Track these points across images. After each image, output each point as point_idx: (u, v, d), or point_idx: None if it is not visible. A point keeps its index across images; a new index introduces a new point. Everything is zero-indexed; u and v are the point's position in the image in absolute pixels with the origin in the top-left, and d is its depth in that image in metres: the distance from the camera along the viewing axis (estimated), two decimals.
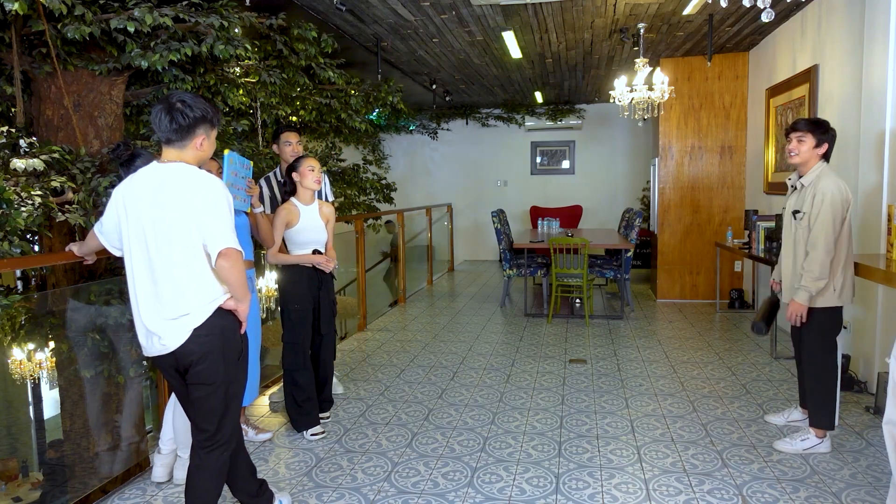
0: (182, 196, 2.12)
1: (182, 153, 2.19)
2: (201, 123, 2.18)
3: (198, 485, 2.25)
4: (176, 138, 2.16)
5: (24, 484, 4.34)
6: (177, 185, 2.14)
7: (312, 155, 3.26)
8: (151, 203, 2.14)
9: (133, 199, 2.17)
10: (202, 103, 2.19)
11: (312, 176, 3.41)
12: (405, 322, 6.55)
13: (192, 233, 2.12)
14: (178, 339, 2.15)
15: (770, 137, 6.30)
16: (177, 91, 2.26)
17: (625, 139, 11.09)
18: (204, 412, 2.22)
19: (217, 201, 2.14)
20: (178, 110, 2.13)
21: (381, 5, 5.22)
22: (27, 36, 4.07)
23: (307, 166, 3.42)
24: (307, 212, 3.46)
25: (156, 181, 2.16)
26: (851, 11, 4.54)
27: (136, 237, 2.17)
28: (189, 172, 2.16)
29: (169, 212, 2.12)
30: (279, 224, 3.40)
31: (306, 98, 6.26)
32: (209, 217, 2.11)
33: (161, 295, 2.14)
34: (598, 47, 6.87)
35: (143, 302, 2.17)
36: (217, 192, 2.16)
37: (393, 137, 12.03)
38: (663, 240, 7.58)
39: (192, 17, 3.94)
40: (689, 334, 5.84)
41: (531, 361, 4.95)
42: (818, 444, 3.23)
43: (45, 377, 4.65)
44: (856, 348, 4.31)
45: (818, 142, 3.19)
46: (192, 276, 2.14)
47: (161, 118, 2.14)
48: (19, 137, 4.31)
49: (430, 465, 3.15)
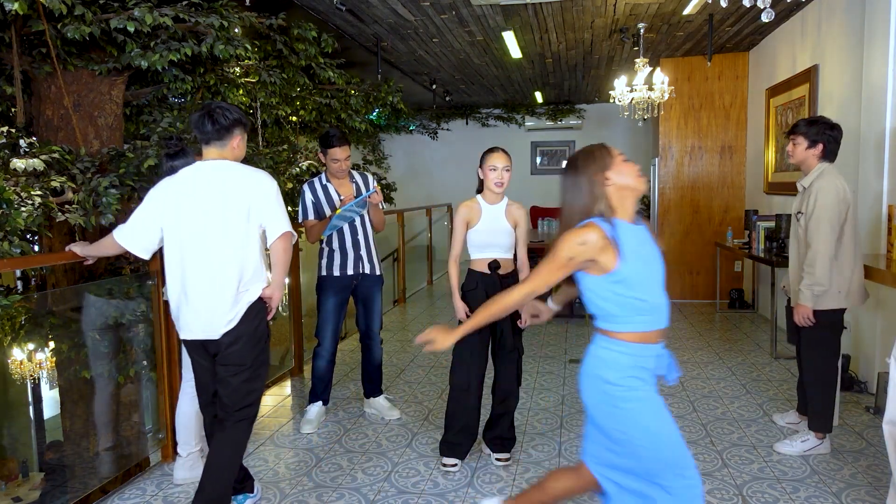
0: (237, 189, 2.39)
1: (222, 152, 2.44)
2: (237, 125, 2.45)
3: (223, 456, 2.44)
4: (216, 138, 2.42)
5: (25, 484, 4.34)
6: (230, 179, 2.40)
7: (501, 149, 3.04)
8: (205, 196, 2.38)
9: (184, 195, 2.40)
10: (237, 109, 2.47)
11: (493, 176, 2.99)
12: (405, 322, 6.55)
13: (247, 222, 2.40)
14: (227, 325, 2.38)
15: (770, 137, 6.30)
16: (213, 101, 2.59)
17: (625, 139, 11.09)
18: (234, 389, 2.43)
19: (271, 191, 2.45)
20: (217, 114, 2.40)
21: (381, 5, 5.22)
22: (27, 36, 4.07)
23: (489, 166, 3.00)
24: (490, 212, 3.05)
25: (207, 177, 2.41)
26: (851, 11, 4.54)
27: (188, 229, 2.39)
28: (238, 168, 2.44)
29: (224, 204, 2.38)
30: (458, 223, 3.05)
31: (306, 98, 6.26)
32: (268, 205, 2.42)
33: (214, 282, 2.38)
34: (598, 47, 6.87)
35: (194, 290, 2.38)
36: (269, 182, 2.46)
37: (393, 137, 12.03)
38: (663, 240, 7.57)
39: (192, 17, 3.93)
40: (689, 334, 5.84)
41: (531, 361, 4.94)
42: (818, 446, 3.22)
43: (45, 377, 4.65)
44: (856, 348, 4.31)
45: (811, 142, 3.15)
46: (244, 265, 2.41)
47: (203, 122, 2.39)
48: (19, 137, 4.31)
49: (430, 465, 3.15)
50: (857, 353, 4.28)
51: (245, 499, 2.72)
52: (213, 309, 2.38)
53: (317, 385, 3.73)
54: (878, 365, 3.98)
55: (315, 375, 3.72)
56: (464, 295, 3.10)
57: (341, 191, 3.63)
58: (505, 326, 3.03)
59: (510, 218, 3.05)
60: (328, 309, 3.65)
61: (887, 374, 2.44)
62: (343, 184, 3.66)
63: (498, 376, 3.13)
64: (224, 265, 2.38)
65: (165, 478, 3.04)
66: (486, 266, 3.03)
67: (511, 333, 3.04)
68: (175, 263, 2.43)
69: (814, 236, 3.06)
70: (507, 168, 3.00)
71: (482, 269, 3.05)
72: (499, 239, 3.02)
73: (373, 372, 3.84)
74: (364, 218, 3.68)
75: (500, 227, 3.03)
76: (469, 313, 2.99)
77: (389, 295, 7.64)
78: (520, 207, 3.10)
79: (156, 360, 3.26)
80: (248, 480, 2.74)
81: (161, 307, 3.15)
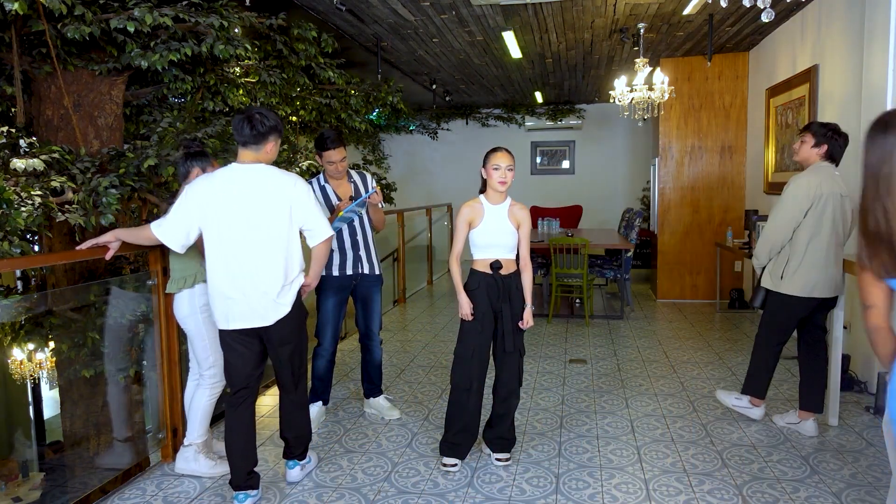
0: (276, 190, 2.60)
1: (257, 155, 2.63)
2: (273, 132, 2.64)
3: (295, 416, 2.88)
4: (253, 142, 2.60)
5: (25, 484, 4.35)
6: (268, 181, 2.61)
7: (504, 149, 3.03)
8: (249, 197, 2.58)
9: (225, 194, 2.58)
10: (275, 116, 2.65)
11: (497, 176, 2.97)
12: (405, 322, 6.55)
13: (289, 221, 2.63)
14: (280, 313, 2.65)
15: (770, 137, 6.30)
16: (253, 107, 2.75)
17: (625, 139, 11.09)
18: (287, 362, 2.77)
19: (310, 196, 2.70)
20: (256, 120, 2.58)
21: (381, 5, 5.22)
22: (27, 36, 4.07)
23: (492, 165, 2.99)
24: (493, 212, 3.04)
25: (246, 178, 2.60)
26: (851, 11, 4.54)
27: (233, 227, 2.58)
28: (273, 170, 2.65)
29: (267, 203, 2.59)
30: (461, 223, 3.04)
31: (306, 98, 6.26)
32: (308, 209, 2.68)
33: (266, 276, 2.60)
34: (598, 47, 6.87)
35: (247, 284, 2.59)
36: (304, 185, 2.69)
37: (393, 137, 12.03)
38: (663, 240, 7.58)
39: (192, 17, 3.93)
40: (689, 334, 5.84)
41: (531, 361, 4.94)
42: (750, 410, 3.64)
43: (45, 377, 4.65)
44: (856, 348, 4.31)
45: (816, 142, 3.31)
46: (290, 259, 2.65)
47: (243, 125, 2.58)
48: (19, 137, 4.31)
49: (430, 465, 3.15)
50: (857, 353, 4.28)
51: (245, 497, 2.72)
52: (268, 299, 2.62)
53: (317, 385, 3.73)
54: (878, 365, 3.98)
55: (315, 375, 3.72)
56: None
57: (339, 191, 3.62)
58: (507, 327, 3.02)
59: (513, 218, 3.04)
60: (327, 309, 3.65)
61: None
62: (341, 184, 3.65)
63: (500, 376, 3.12)
64: (274, 260, 2.61)
65: (165, 478, 3.04)
66: (489, 266, 3.02)
67: (513, 334, 3.04)
68: (219, 259, 2.60)
69: (768, 221, 3.41)
70: (511, 167, 2.99)
71: (484, 269, 3.04)
72: (502, 239, 3.01)
73: (373, 372, 3.84)
74: (363, 218, 3.68)
75: (503, 227, 3.01)
76: (474, 311, 3.00)
77: (389, 295, 7.64)
78: (522, 208, 3.09)
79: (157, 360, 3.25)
80: (254, 476, 2.77)
81: (162, 307, 3.15)
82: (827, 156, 3.29)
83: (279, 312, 2.65)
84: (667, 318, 6.58)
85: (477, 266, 3.07)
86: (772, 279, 3.44)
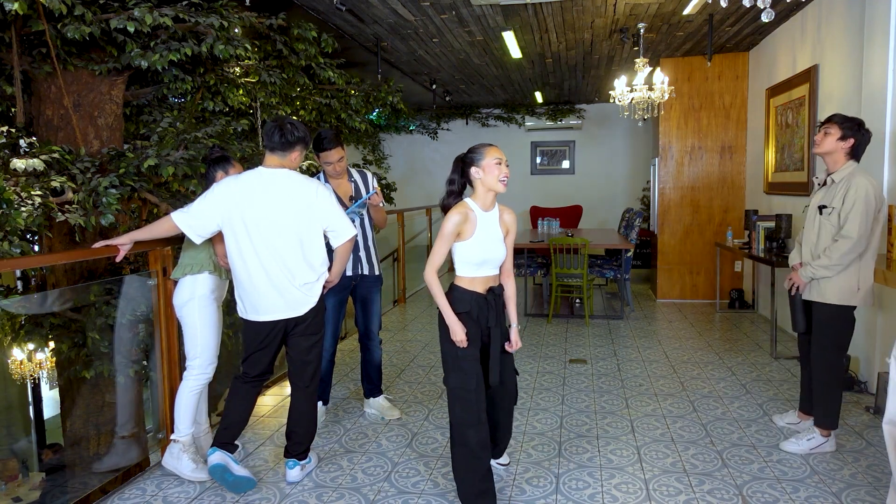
0: (300, 194, 2.76)
1: (283, 161, 2.79)
2: (300, 142, 2.80)
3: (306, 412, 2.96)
4: (281, 149, 2.77)
5: (24, 484, 4.35)
6: (293, 185, 2.77)
7: (494, 145, 2.63)
8: (274, 196, 2.73)
9: (252, 193, 2.73)
10: (304, 128, 2.81)
11: (500, 171, 2.55)
12: (405, 322, 6.55)
13: (311, 221, 2.79)
14: (310, 304, 2.83)
15: (770, 137, 6.30)
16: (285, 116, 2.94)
17: (625, 139, 11.09)
18: (306, 355, 2.90)
19: (331, 199, 2.86)
20: (287, 129, 2.75)
21: (381, 5, 5.22)
22: (27, 36, 4.07)
23: (493, 158, 2.55)
24: (486, 220, 2.58)
25: (272, 181, 2.75)
26: (851, 11, 4.54)
27: (256, 223, 2.72)
28: (296, 175, 2.81)
29: (290, 203, 2.74)
30: (449, 231, 2.52)
31: (306, 98, 6.26)
32: (332, 213, 2.83)
33: (289, 269, 2.76)
34: (598, 47, 6.88)
35: (278, 279, 2.75)
36: (326, 192, 2.84)
37: (393, 137, 12.03)
38: (663, 240, 7.58)
39: (192, 17, 3.94)
40: (689, 334, 5.84)
41: (531, 361, 4.94)
42: (824, 444, 3.21)
43: (45, 377, 4.65)
44: (856, 348, 4.31)
45: (843, 135, 3.11)
46: (313, 254, 2.82)
47: (274, 132, 2.75)
48: (19, 137, 4.31)
49: (430, 465, 3.15)
50: (857, 353, 4.28)
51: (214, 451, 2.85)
52: (300, 293, 2.79)
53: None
54: (879, 365, 3.99)
55: None
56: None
57: (339, 191, 3.62)
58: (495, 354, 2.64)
59: (503, 226, 2.66)
60: (327, 309, 3.65)
61: (887, 374, 2.43)
62: (341, 183, 3.65)
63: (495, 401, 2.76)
64: (303, 256, 2.78)
65: (165, 478, 3.04)
66: (484, 288, 2.61)
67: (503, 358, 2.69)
68: (247, 255, 2.75)
69: (853, 227, 3.04)
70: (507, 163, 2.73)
71: (476, 288, 2.59)
72: (497, 253, 2.60)
73: (372, 372, 3.84)
74: (364, 218, 3.68)
75: (495, 237, 2.60)
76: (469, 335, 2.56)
77: (389, 295, 7.63)
78: (510, 213, 2.72)
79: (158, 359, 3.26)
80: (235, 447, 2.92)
81: (162, 307, 3.15)
82: (852, 151, 3.12)
83: (309, 304, 2.83)
84: (667, 318, 6.58)
85: (466, 284, 2.60)
86: (840, 293, 3.12)
